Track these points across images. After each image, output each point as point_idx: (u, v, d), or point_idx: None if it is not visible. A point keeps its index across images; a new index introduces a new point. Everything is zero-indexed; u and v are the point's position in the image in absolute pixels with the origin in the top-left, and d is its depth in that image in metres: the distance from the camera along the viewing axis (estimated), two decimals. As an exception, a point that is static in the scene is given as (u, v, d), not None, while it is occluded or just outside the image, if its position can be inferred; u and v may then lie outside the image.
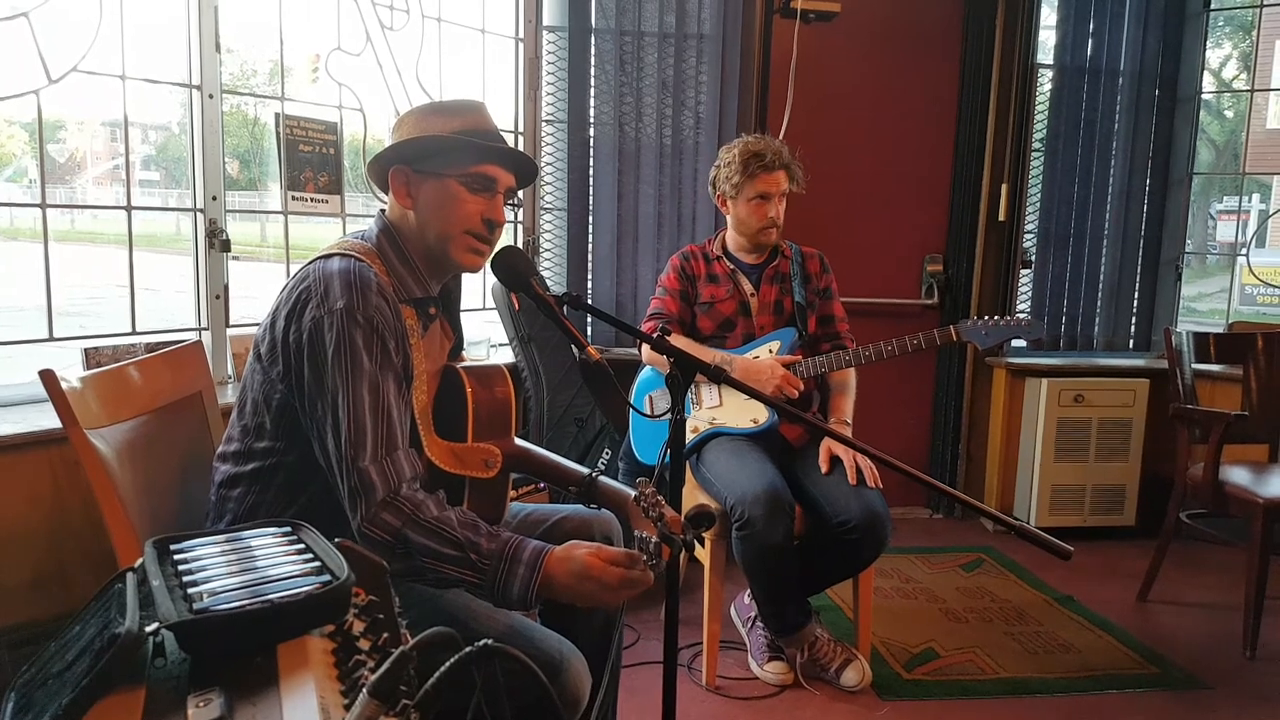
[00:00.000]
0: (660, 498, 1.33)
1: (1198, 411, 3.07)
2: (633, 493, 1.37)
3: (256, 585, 0.83)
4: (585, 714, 1.46)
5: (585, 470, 1.75)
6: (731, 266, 2.70)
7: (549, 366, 3.27)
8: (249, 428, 1.48)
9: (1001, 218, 3.87)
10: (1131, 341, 4.11)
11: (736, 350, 2.63)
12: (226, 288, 2.72)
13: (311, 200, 2.87)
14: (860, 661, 2.53)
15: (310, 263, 1.47)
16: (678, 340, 2.59)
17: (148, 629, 0.79)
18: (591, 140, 3.60)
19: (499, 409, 1.65)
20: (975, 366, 4.03)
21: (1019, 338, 2.52)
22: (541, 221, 3.64)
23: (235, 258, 2.76)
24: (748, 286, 2.69)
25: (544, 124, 3.59)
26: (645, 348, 2.71)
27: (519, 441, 1.72)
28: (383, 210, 1.58)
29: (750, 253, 2.71)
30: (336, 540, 0.94)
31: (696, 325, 2.70)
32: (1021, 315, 2.61)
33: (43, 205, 2.37)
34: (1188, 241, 4.10)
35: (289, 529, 1.01)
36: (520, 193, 3.50)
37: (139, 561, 0.93)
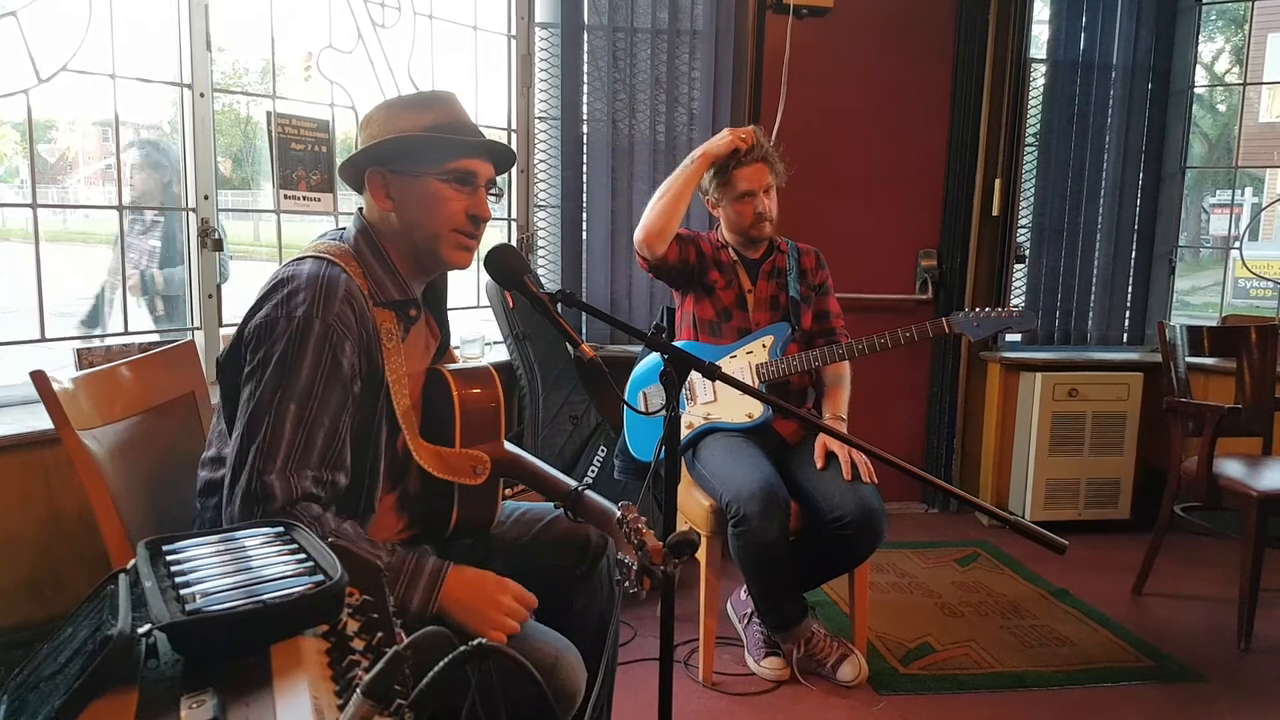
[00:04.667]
0: (642, 524, 1.31)
1: (1191, 405, 3.08)
2: (617, 513, 1.36)
3: (249, 586, 0.83)
4: (581, 710, 1.46)
5: (572, 483, 1.74)
6: (734, 258, 2.70)
7: (544, 364, 3.26)
8: (222, 433, 1.46)
9: (995, 212, 3.88)
10: (1125, 335, 4.13)
11: (731, 346, 2.63)
12: (219, 287, 2.71)
13: (304, 199, 2.86)
14: (856, 656, 2.54)
15: (285, 265, 1.46)
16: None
17: (140, 630, 0.78)
18: (585, 137, 3.60)
19: (487, 414, 1.63)
20: (970, 361, 4.04)
21: (1011, 329, 2.52)
22: (535, 219, 3.64)
23: (229, 257, 2.75)
24: (746, 281, 2.69)
25: (537, 120, 3.59)
26: (640, 222, 2.62)
27: (509, 447, 1.71)
28: (360, 210, 1.56)
29: (747, 248, 2.71)
30: (330, 540, 0.94)
31: (696, 313, 2.69)
32: (1014, 307, 2.61)
33: (34, 205, 2.36)
34: (1181, 235, 4.10)
35: (282, 529, 1.00)
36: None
37: (131, 562, 0.92)
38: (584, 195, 3.62)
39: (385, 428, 1.46)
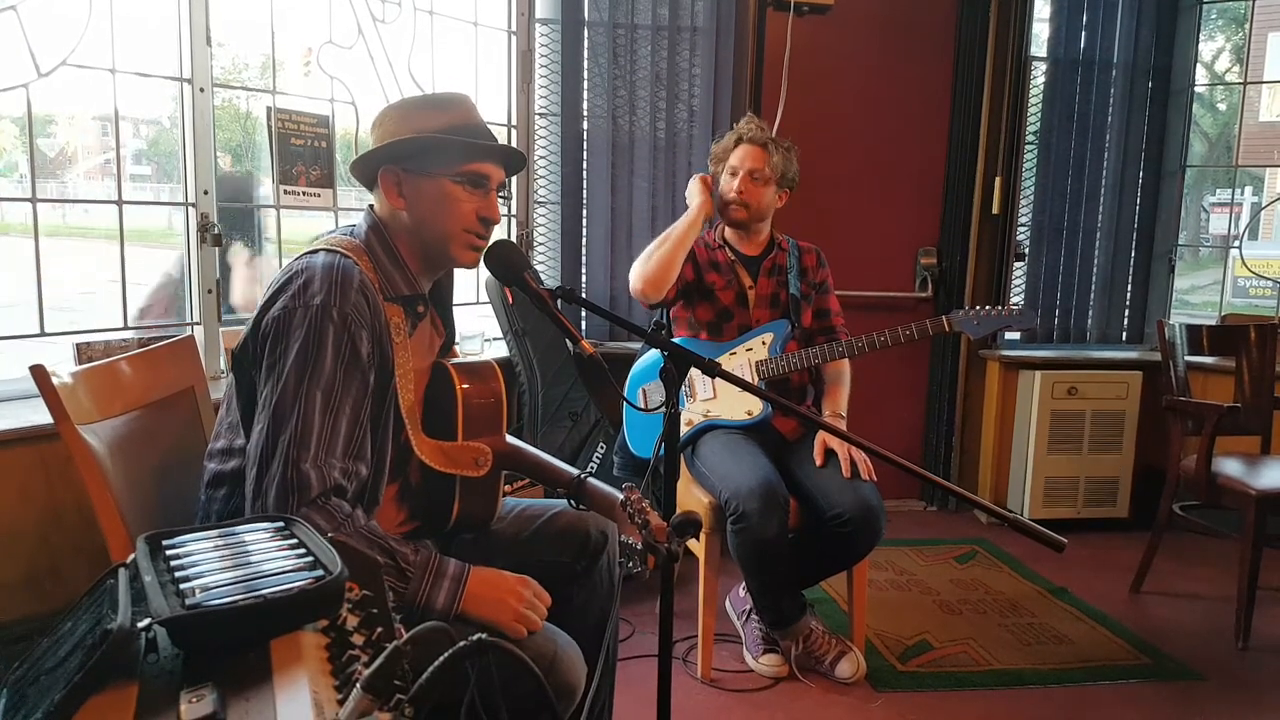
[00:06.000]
0: (646, 504, 1.32)
1: (1190, 403, 3.08)
2: (620, 496, 1.37)
3: (249, 580, 0.83)
4: (580, 706, 1.47)
5: (575, 471, 1.75)
6: (732, 257, 2.70)
7: (543, 360, 3.26)
8: (234, 424, 1.47)
9: (995, 210, 3.88)
10: (1125, 334, 4.13)
11: (731, 343, 2.63)
12: (219, 282, 2.71)
13: (304, 194, 2.86)
14: (855, 654, 2.54)
15: (298, 258, 1.46)
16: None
17: (140, 624, 0.78)
18: (585, 133, 3.59)
19: (490, 406, 1.64)
20: (969, 359, 4.04)
21: (1011, 327, 2.52)
22: (535, 215, 3.64)
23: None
24: (746, 278, 2.68)
25: (537, 117, 3.58)
26: (636, 267, 2.62)
27: (510, 439, 1.72)
28: (371, 206, 1.57)
29: (747, 243, 2.71)
30: (330, 535, 0.94)
31: (695, 314, 2.69)
32: (1014, 305, 2.61)
33: (33, 200, 2.36)
34: (1181, 234, 4.10)
35: (282, 524, 1.00)
36: (511, 184, 3.50)
37: (131, 557, 0.92)
38: (584, 192, 3.62)
39: (391, 420, 1.47)
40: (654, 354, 2.76)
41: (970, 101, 3.83)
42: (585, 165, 3.61)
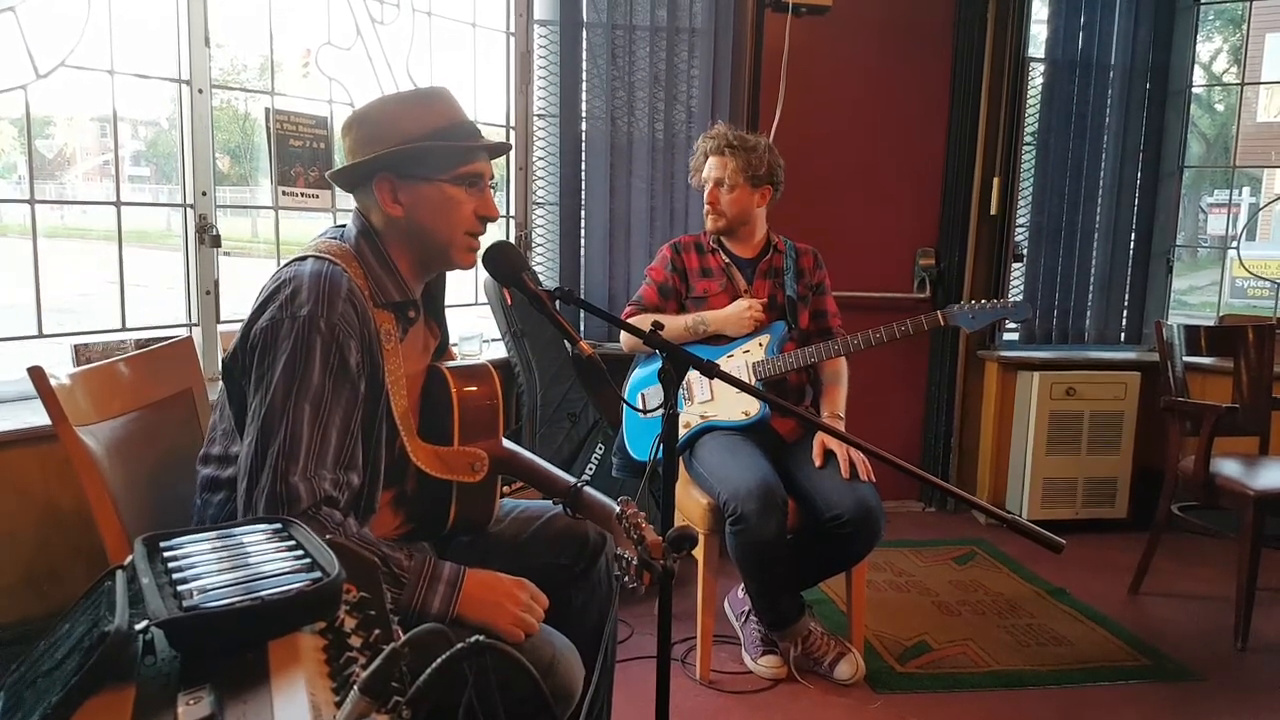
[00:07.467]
0: (641, 519, 1.31)
1: (1189, 404, 3.08)
2: (616, 509, 1.36)
3: (247, 582, 0.83)
4: (578, 707, 1.46)
5: (571, 480, 1.74)
6: (727, 260, 2.70)
7: (542, 362, 3.26)
8: (228, 431, 1.46)
9: (993, 211, 3.88)
10: (1123, 335, 4.13)
11: (729, 345, 2.63)
12: (217, 283, 2.71)
13: (302, 195, 2.86)
14: (853, 655, 2.54)
15: (286, 264, 1.46)
16: (645, 319, 2.62)
17: (137, 626, 0.78)
18: (584, 135, 3.59)
19: (486, 410, 1.63)
20: (967, 360, 4.04)
21: (1007, 318, 2.52)
22: (534, 216, 3.63)
23: (226, 253, 2.75)
24: (742, 282, 2.68)
25: (535, 118, 3.58)
26: (624, 334, 2.69)
27: (507, 444, 1.71)
28: (359, 210, 1.55)
29: (742, 246, 2.71)
30: (328, 537, 0.94)
31: None
32: (1009, 298, 2.61)
33: (31, 201, 2.36)
34: (1179, 234, 4.11)
35: (280, 525, 1.00)
36: (510, 184, 3.50)
37: (129, 559, 0.92)
38: (582, 193, 3.62)
39: (385, 428, 1.47)
40: (654, 362, 2.76)
41: (968, 102, 3.84)
42: (584, 166, 3.61)
